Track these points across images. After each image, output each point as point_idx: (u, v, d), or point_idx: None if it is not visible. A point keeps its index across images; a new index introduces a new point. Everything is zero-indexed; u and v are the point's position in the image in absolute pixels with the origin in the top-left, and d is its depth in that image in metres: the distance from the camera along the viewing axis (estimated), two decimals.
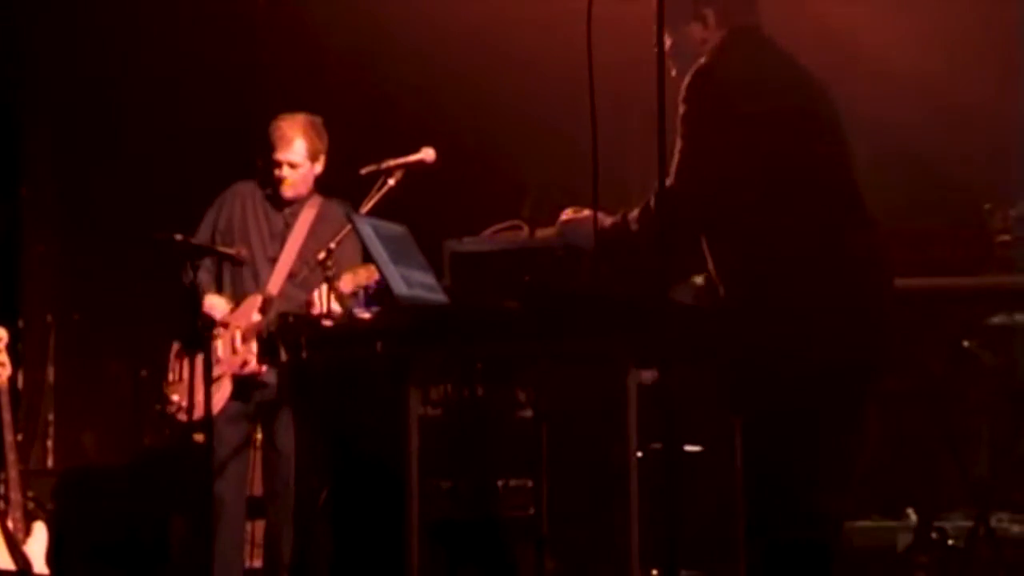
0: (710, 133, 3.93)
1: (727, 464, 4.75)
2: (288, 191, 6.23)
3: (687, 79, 3.99)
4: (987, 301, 5.84)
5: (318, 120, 6.28)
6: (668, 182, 3.88)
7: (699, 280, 4.23)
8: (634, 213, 4.10)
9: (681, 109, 3.96)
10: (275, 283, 6.19)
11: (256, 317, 6.10)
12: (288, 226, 6.27)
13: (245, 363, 6.09)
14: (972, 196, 6.00)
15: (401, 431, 4.30)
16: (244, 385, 6.14)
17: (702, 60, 4.02)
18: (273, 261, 6.25)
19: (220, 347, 6.13)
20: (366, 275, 5.62)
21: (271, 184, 6.27)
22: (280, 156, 6.19)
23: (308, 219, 6.27)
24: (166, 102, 7.88)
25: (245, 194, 6.34)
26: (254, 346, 6.08)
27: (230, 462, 6.16)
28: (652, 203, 4.00)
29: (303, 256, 6.18)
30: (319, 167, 6.26)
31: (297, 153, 6.19)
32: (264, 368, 6.07)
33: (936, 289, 5.44)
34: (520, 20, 7.05)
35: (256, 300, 6.13)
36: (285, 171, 6.20)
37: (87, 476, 7.40)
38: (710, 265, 4.08)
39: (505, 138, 6.07)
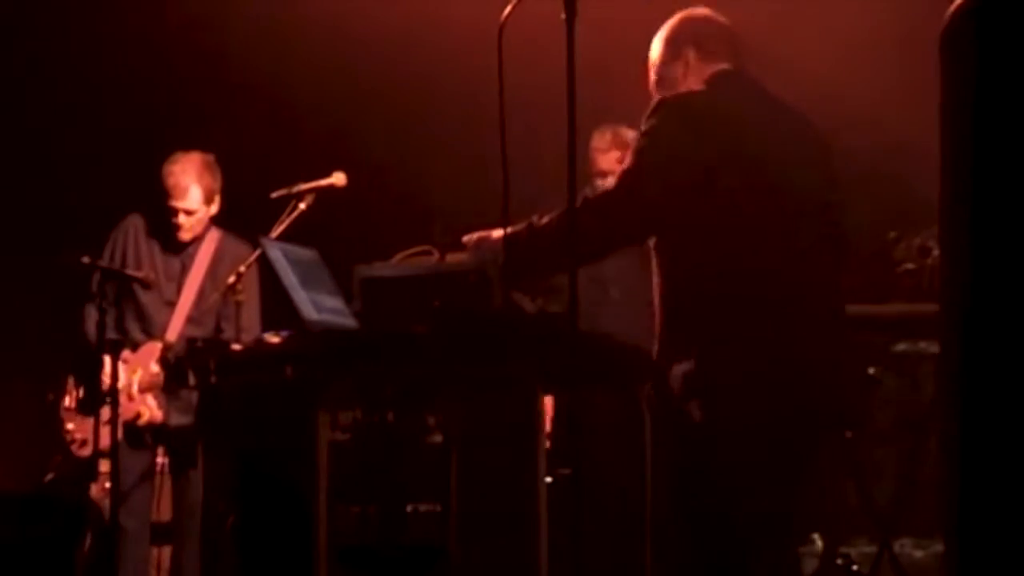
0: (669, 155, 3.87)
1: (636, 488, 4.79)
2: (185, 235, 6.20)
3: (657, 100, 3.97)
4: (892, 329, 5.92)
5: (210, 158, 6.23)
6: (605, 187, 3.90)
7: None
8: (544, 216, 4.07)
9: (644, 125, 3.92)
10: (174, 329, 6.14)
11: (155, 368, 6.04)
12: (185, 268, 6.22)
13: (139, 415, 6.04)
14: (877, 224, 6.07)
15: (310, 456, 4.29)
16: (136, 432, 6.09)
17: (682, 90, 4.02)
18: (170, 305, 6.20)
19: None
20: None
21: (167, 223, 6.20)
22: (175, 204, 6.13)
23: (205, 260, 6.23)
24: (71, 123, 7.82)
25: (139, 230, 6.26)
26: (150, 399, 6.03)
27: (133, 490, 6.10)
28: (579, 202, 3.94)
29: (200, 298, 6.15)
30: (215, 207, 6.23)
31: (193, 200, 6.14)
32: (160, 417, 6.02)
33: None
34: (427, 42, 7.07)
35: (155, 348, 6.06)
36: (181, 218, 6.15)
37: None
38: (655, 284, 4.05)
39: (415, 162, 6.08)
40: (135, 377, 6.06)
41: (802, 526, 5.40)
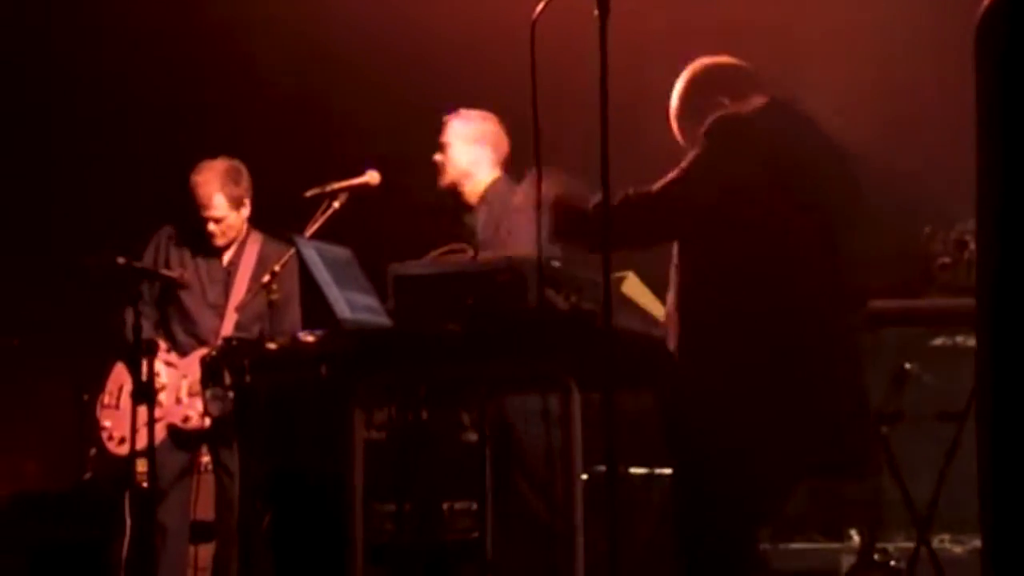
0: (718, 168, 3.89)
1: (671, 486, 4.78)
2: (220, 241, 6.25)
3: (714, 119, 3.97)
4: (928, 323, 5.89)
5: (234, 164, 6.25)
6: (657, 188, 3.91)
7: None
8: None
9: (699, 145, 3.94)
10: (225, 334, 6.15)
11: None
12: (230, 273, 6.26)
13: (187, 418, 6.07)
14: (912, 219, 6.04)
15: (345, 454, 4.29)
16: (180, 435, 6.11)
17: (733, 111, 4.02)
18: (214, 308, 6.22)
19: (164, 394, 6.08)
20: None
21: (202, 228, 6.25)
22: (204, 214, 6.18)
23: (250, 264, 6.26)
24: (104, 125, 7.84)
25: (179, 235, 6.31)
26: (198, 402, 6.05)
27: (172, 489, 6.12)
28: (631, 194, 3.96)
29: (247, 301, 6.17)
30: (246, 211, 6.27)
31: (219, 208, 6.18)
32: (207, 422, 6.04)
33: (878, 312, 5.48)
34: (461, 40, 7.06)
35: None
36: (211, 226, 6.20)
37: (28, 501, 7.34)
38: (672, 294, 4.07)
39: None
40: (184, 382, 6.09)
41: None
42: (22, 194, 8.11)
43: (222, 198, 6.16)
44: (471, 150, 5.88)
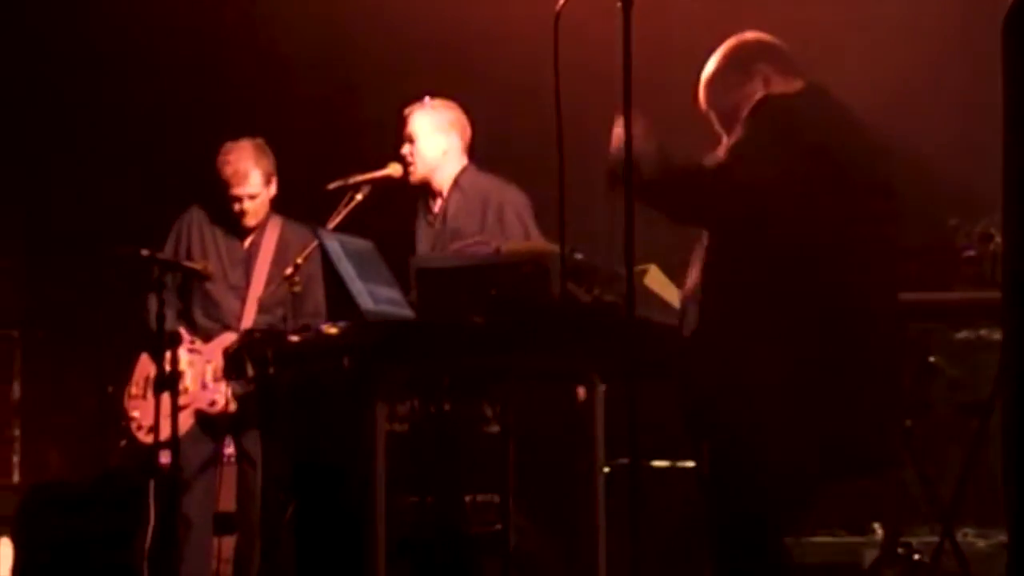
0: (764, 152, 3.86)
1: (694, 479, 4.77)
2: (251, 221, 6.23)
3: (760, 100, 3.95)
4: (953, 316, 5.86)
5: (261, 142, 6.26)
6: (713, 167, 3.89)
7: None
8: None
9: (745, 125, 3.92)
10: (248, 317, 6.17)
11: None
12: (251, 255, 6.26)
13: (214, 403, 6.07)
14: (938, 212, 6.02)
15: (368, 446, 4.30)
16: (208, 421, 6.12)
17: (774, 92, 4.00)
18: (235, 289, 6.23)
19: (189, 378, 6.10)
20: None
21: (228, 211, 6.24)
22: (238, 191, 6.16)
23: (271, 246, 6.26)
24: (130, 116, 7.85)
25: (202, 219, 6.31)
26: (223, 386, 6.05)
27: (196, 480, 6.13)
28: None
29: (269, 286, 6.17)
30: (273, 189, 6.26)
31: (254, 184, 6.17)
32: (233, 407, 6.05)
33: (902, 305, 5.46)
34: (486, 32, 7.05)
35: (230, 338, 6.08)
36: (246, 204, 6.18)
37: (52, 492, 7.36)
38: (695, 273, 4.03)
39: (472, 152, 6.06)
40: (209, 367, 6.09)
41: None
42: (45, 187, 8.13)
43: (258, 174, 6.17)
44: (440, 140, 5.87)
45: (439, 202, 5.89)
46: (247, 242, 6.29)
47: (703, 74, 4.17)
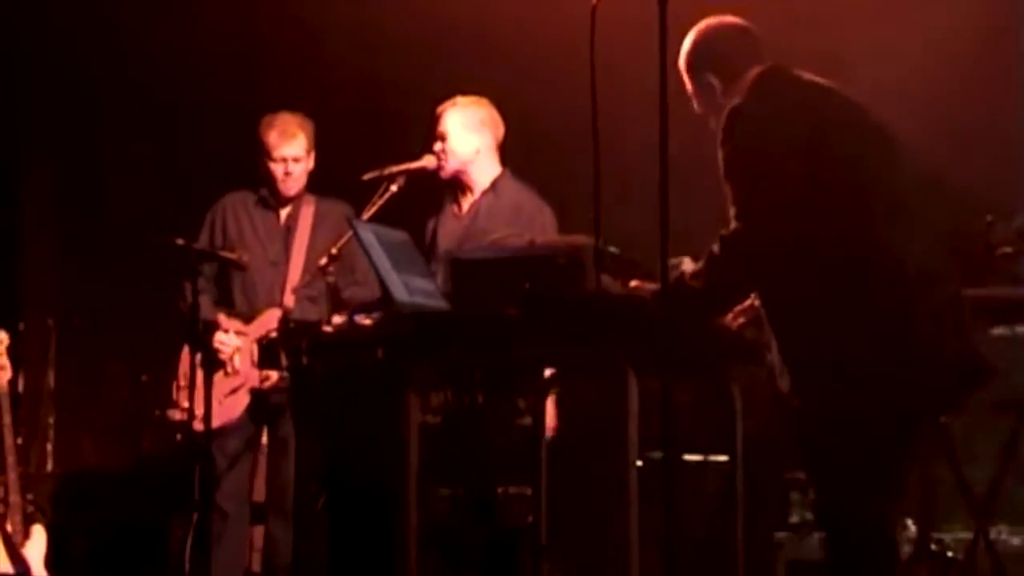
0: (755, 168, 3.90)
1: (727, 474, 4.76)
2: (292, 188, 6.24)
3: (722, 121, 3.98)
4: (988, 313, 5.84)
5: (302, 116, 6.31)
6: (733, 226, 3.91)
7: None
8: (696, 267, 4.06)
9: (721, 153, 3.95)
10: (289, 294, 6.18)
11: (275, 334, 6.07)
12: (289, 229, 6.28)
13: (267, 378, 6.08)
14: (974, 209, 6.00)
15: (400, 438, 4.30)
16: (261, 399, 6.13)
17: (736, 101, 4.01)
18: (275, 265, 6.24)
19: (238, 360, 6.12)
20: None
21: (265, 185, 6.26)
22: (284, 152, 6.18)
23: (308, 220, 6.28)
24: (165, 105, 7.88)
25: (236, 203, 6.33)
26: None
27: (231, 471, 6.15)
28: (718, 249, 3.98)
29: (309, 261, 6.18)
30: (311, 162, 6.29)
31: (299, 147, 6.20)
32: (286, 383, 6.06)
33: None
34: (527, 27, 7.05)
35: (275, 314, 6.10)
36: (290, 166, 6.21)
37: (86, 480, 7.40)
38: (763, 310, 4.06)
39: (508, 145, 6.06)
40: (255, 346, 6.10)
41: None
42: (79, 173, 8.17)
43: (303, 138, 6.20)
44: (472, 138, 5.88)
45: (469, 199, 5.91)
46: (283, 215, 6.31)
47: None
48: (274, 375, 6.02)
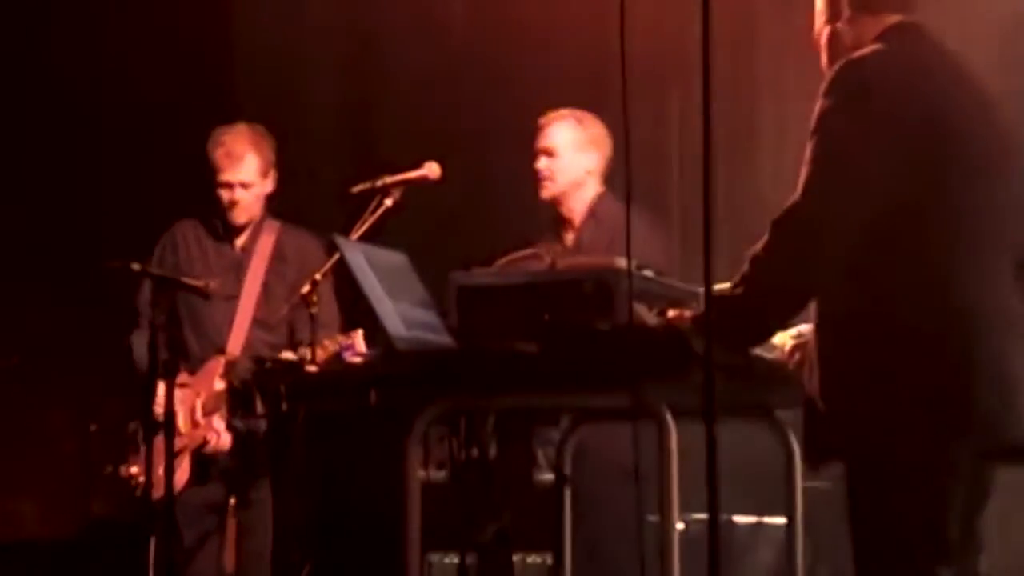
0: (851, 133, 3.88)
1: (783, 537, 4.76)
2: (241, 216, 6.27)
3: (834, 71, 3.96)
4: None
5: (261, 128, 6.32)
6: (792, 201, 3.90)
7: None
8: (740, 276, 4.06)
9: (820, 104, 3.92)
10: (236, 338, 6.19)
11: (219, 385, 6.08)
12: (243, 263, 6.29)
13: (206, 441, 6.09)
14: None
15: (399, 497, 4.31)
16: (205, 464, 6.14)
17: (857, 52, 4.01)
18: (231, 299, 6.26)
19: (180, 417, 6.10)
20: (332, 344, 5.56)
21: (217, 213, 6.29)
22: (229, 177, 6.21)
23: (266, 251, 6.30)
24: (119, 123, 7.94)
25: (187, 231, 6.38)
26: (216, 420, 6.07)
27: (198, 548, 6.17)
28: (763, 242, 3.94)
29: (264, 297, 6.20)
30: (270, 184, 6.31)
31: (248, 171, 6.23)
32: (228, 443, 6.07)
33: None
34: (529, 26, 7.10)
35: (217, 364, 6.11)
36: (237, 193, 6.23)
37: (27, 551, 7.41)
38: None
39: (519, 154, 6.08)
40: (198, 401, 6.12)
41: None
42: (26, 200, 8.21)
43: (254, 159, 6.23)
44: (584, 158, 5.91)
45: (571, 235, 5.93)
46: (238, 244, 6.33)
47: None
48: (214, 440, 6.03)
